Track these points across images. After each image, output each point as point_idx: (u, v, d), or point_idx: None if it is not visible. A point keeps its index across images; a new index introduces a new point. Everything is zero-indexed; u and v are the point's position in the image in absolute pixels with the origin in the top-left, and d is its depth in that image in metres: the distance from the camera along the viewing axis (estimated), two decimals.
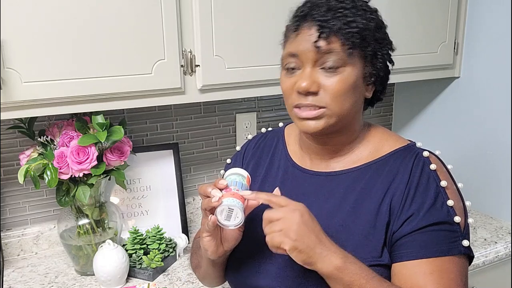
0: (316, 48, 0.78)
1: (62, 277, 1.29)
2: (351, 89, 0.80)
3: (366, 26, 0.79)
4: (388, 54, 0.85)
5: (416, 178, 0.81)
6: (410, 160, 0.83)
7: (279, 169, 0.94)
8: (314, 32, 0.78)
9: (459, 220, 0.80)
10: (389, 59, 0.86)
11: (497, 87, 1.56)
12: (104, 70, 1.12)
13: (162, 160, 1.49)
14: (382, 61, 0.83)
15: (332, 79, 0.79)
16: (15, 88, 1.05)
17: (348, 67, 0.79)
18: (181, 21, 1.19)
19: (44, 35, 1.05)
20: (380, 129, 0.91)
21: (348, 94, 0.80)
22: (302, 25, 0.81)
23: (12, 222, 1.40)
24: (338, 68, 0.78)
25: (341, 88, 0.79)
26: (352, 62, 0.79)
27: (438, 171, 0.83)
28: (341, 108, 0.80)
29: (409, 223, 0.79)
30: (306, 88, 0.78)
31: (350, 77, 0.79)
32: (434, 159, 0.85)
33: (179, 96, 1.24)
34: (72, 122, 1.26)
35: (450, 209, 0.80)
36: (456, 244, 0.79)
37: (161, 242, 1.34)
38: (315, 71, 0.79)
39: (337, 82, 0.78)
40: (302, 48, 0.79)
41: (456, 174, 0.88)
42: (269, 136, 1.02)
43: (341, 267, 0.73)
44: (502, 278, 1.51)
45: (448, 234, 0.79)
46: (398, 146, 0.86)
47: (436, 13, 1.55)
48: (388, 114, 1.98)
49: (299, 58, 0.80)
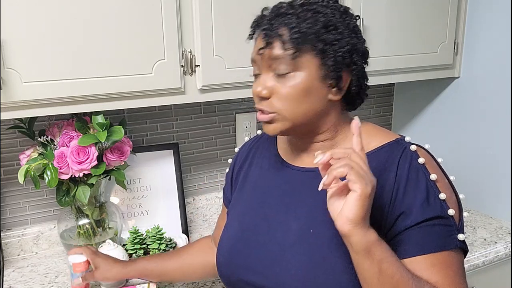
0: (261, 55, 0.81)
1: (62, 277, 1.29)
2: (303, 93, 0.80)
3: (310, 30, 0.78)
4: (348, 53, 0.81)
5: (404, 173, 0.80)
6: (397, 154, 0.82)
7: (269, 167, 0.95)
8: (260, 40, 0.81)
9: (453, 213, 0.79)
10: (352, 62, 0.82)
11: (497, 87, 1.56)
12: (104, 70, 1.12)
13: (162, 160, 1.50)
14: (338, 62, 0.80)
15: (281, 84, 0.81)
16: (15, 88, 1.05)
17: (298, 71, 0.79)
18: (181, 21, 1.19)
19: (44, 35, 1.05)
20: (368, 125, 0.90)
21: (300, 98, 0.80)
22: (255, 34, 0.85)
23: (12, 222, 1.40)
24: (287, 74, 0.80)
25: (290, 93, 0.80)
26: (302, 66, 0.79)
27: (427, 164, 0.81)
28: (293, 112, 0.81)
29: (403, 220, 0.78)
30: (258, 93, 0.82)
31: (301, 82, 0.80)
32: (423, 152, 0.84)
33: (179, 96, 1.24)
34: (72, 122, 1.26)
35: (442, 203, 0.79)
36: (453, 238, 0.79)
37: (161, 242, 1.34)
38: (269, 76, 0.82)
39: (287, 88, 0.80)
40: (254, 56, 0.84)
41: (456, 174, 0.87)
42: (264, 137, 1.03)
43: (377, 240, 0.72)
44: (502, 278, 1.51)
45: (443, 229, 0.78)
46: (386, 141, 0.85)
47: (436, 13, 1.55)
48: (388, 114, 1.98)
49: (256, 64, 0.84)
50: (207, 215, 1.66)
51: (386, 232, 0.80)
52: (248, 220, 0.93)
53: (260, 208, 0.92)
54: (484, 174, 1.63)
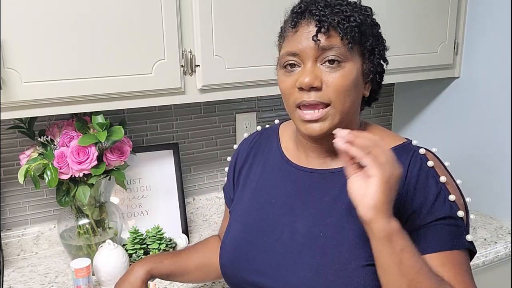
0: (316, 43, 0.77)
1: (62, 277, 1.29)
2: (353, 85, 0.79)
3: (364, 21, 0.80)
4: (384, 52, 0.85)
5: (414, 176, 0.80)
6: (407, 158, 0.82)
7: (273, 166, 0.94)
8: (313, 28, 0.78)
9: (462, 214, 0.79)
10: (384, 58, 0.86)
11: (497, 87, 1.56)
12: (104, 70, 1.12)
13: (162, 160, 1.49)
14: (379, 58, 0.84)
15: (334, 74, 0.78)
16: (15, 88, 1.05)
17: (349, 62, 0.78)
18: (181, 21, 1.19)
19: (44, 35, 1.05)
20: (377, 128, 0.91)
21: (350, 90, 0.79)
22: (300, 22, 0.80)
23: (12, 222, 1.40)
24: (340, 63, 0.78)
25: (344, 83, 0.78)
26: (352, 58, 0.79)
27: (436, 167, 0.82)
28: (343, 104, 0.79)
29: (413, 220, 0.79)
30: (310, 83, 0.77)
31: (351, 73, 0.79)
32: (431, 156, 0.84)
33: (179, 96, 1.24)
34: (72, 122, 1.26)
35: (453, 204, 0.79)
36: (462, 239, 0.79)
37: (161, 242, 1.34)
38: (316, 67, 0.78)
39: (340, 77, 0.78)
40: (301, 47, 0.78)
41: (456, 174, 0.87)
42: (264, 134, 1.02)
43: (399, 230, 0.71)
44: (502, 278, 1.51)
45: (453, 229, 0.79)
46: (394, 145, 0.85)
47: (436, 13, 1.55)
48: (388, 114, 1.98)
49: (299, 56, 0.79)
50: (207, 215, 1.66)
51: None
52: (252, 220, 0.92)
53: (264, 208, 0.91)
54: (484, 174, 1.63)
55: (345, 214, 0.83)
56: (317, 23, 0.77)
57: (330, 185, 0.86)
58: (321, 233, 0.83)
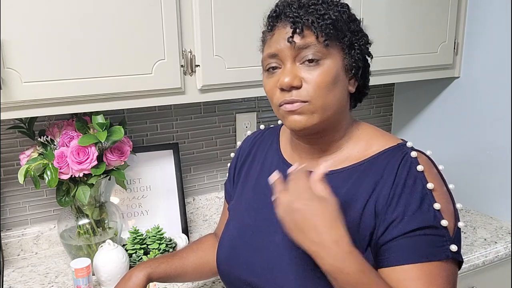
0: (292, 44, 0.79)
1: (62, 277, 1.29)
2: (333, 81, 0.80)
3: (340, 18, 0.81)
4: (366, 46, 0.86)
5: (402, 180, 0.79)
6: (397, 160, 0.81)
7: (271, 166, 0.95)
8: (288, 30, 0.79)
9: (446, 224, 0.77)
10: (367, 52, 0.86)
11: (497, 87, 1.56)
12: (104, 70, 1.12)
13: (162, 160, 1.49)
14: (360, 52, 0.84)
15: (313, 72, 0.79)
16: (15, 88, 1.05)
17: (328, 59, 0.79)
18: (181, 21, 1.19)
19: (44, 35, 1.05)
20: (370, 128, 0.90)
21: (330, 86, 0.80)
22: (277, 25, 0.82)
23: (12, 222, 1.40)
24: (318, 61, 0.79)
25: (323, 80, 0.79)
26: (330, 54, 0.80)
27: (426, 172, 0.80)
28: (324, 101, 0.79)
29: (394, 227, 0.77)
30: (289, 82, 0.78)
31: (330, 69, 0.79)
32: (423, 159, 0.82)
33: (179, 96, 1.24)
34: (72, 122, 1.26)
35: (437, 213, 0.77)
36: (444, 249, 0.77)
37: (161, 242, 1.34)
38: (295, 67, 0.80)
39: (319, 75, 0.79)
40: (279, 47, 0.81)
41: (455, 174, 0.86)
42: (266, 133, 1.03)
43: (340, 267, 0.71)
44: (502, 278, 1.51)
45: (434, 239, 0.77)
46: (388, 146, 0.84)
47: (436, 13, 1.55)
48: (388, 114, 1.98)
49: (278, 57, 0.81)
50: (207, 215, 1.66)
51: (378, 239, 0.79)
52: (249, 220, 0.92)
53: (261, 208, 0.91)
54: (484, 174, 1.63)
55: None
56: (291, 25, 0.79)
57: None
58: None
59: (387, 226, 0.78)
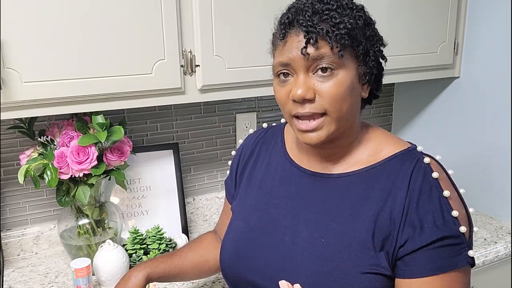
0: (305, 56, 0.75)
1: (62, 277, 1.29)
2: (348, 92, 0.77)
3: (355, 25, 0.77)
4: (380, 51, 0.83)
5: (417, 186, 0.78)
6: (410, 165, 0.80)
7: (277, 166, 0.94)
8: (302, 39, 0.75)
9: (464, 230, 0.77)
10: (382, 56, 0.84)
11: (497, 87, 1.56)
12: (104, 70, 1.12)
13: (162, 160, 1.49)
14: (375, 59, 0.81)
15: (327, 83, 0.76)
16: (15, 88, 1.05)
17: (342, 69, 0.77)
18: (181, 21, 1.19)
19: (44, 35, 1.05)
20: (379, 131, 0.89)
21: (345, 97, 0.77)
22: (289, 32, 0.78)
23: (12, 222, 1.40)
24: (332, 71, 0.76)
25: (337, 92, 0.76)
26: (345, 64, 0.77)
27: (440, 179, 0.79)
28: (339, 112, 0.77)
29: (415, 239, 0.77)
30: (302, 95, 0.76)
31: (345, 80, 0.77)
32: (436, 166, 0.82)
33: (179, 96, 1.24)
34: (72, 122, 1.26)
35: (455, 220, 0.77)
36: (463, 256, 0.78)
37: (161, 242, 1.34)
38: (308, 77, 0.77)
39: (333, 86, 0.76)
40: (292, 57, 0.77)
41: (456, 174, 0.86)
42: (269, 131, 1.01)
43: None
44: (502, 278, 1.51)
45: (454, 248, 0.77)
46: (398, 150, 0.84)
47: (436, 13, 1.55)
48: (388, 114, 1.98)
49: (290, 66, 0.78)
50: (207, 215, 1.66)
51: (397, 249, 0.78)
52: (254, 220, 0.91)
53: (267, 208, 0.90)
54: (484, 174, 1.63)
55: (347, 220, 0.82)
56: (305, 34, 0.75)
57: (332, 190, 0.85)
58: (323, 239, 0.82)
59: (407, 237, 0.77)
